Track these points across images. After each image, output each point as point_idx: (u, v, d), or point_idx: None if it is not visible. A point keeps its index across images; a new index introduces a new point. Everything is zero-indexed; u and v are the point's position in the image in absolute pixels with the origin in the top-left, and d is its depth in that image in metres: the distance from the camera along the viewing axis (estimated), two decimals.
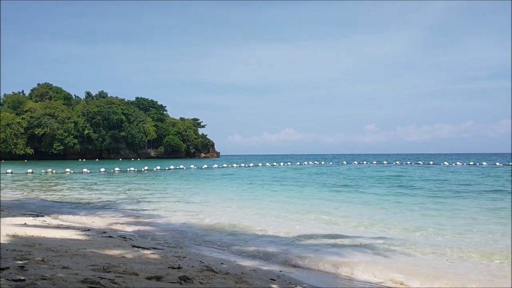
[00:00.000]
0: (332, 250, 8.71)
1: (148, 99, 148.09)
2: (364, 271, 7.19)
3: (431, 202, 17.28)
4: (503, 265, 7.52)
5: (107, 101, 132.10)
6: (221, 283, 5.46)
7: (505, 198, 18.54)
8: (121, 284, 4.78)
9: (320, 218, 13.04)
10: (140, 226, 11.93)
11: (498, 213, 13.78)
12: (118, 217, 13.84)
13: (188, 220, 13.01)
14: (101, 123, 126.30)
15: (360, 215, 13.56)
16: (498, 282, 6.60)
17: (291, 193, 22.03)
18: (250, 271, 6.71)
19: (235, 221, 12.56)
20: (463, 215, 13.43)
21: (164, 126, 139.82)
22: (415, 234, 10.35)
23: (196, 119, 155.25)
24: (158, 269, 5.93)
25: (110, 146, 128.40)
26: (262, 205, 16.73)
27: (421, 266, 7.52)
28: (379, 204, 16.82)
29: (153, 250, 7.85)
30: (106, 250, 7.38)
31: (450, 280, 6.61)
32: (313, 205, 16.58)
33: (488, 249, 8.64)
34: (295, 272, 7.12)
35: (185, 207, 16.20)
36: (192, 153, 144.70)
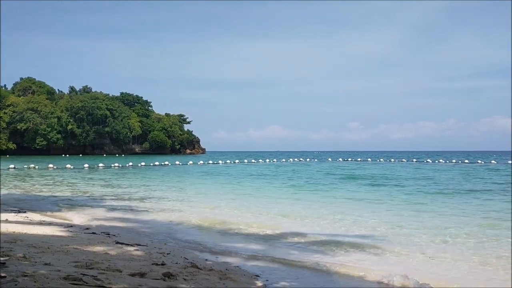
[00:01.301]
0: (316, 248, 8.76)
1: (133, 94, 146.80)
2: (349, 268, 7.25)
3: (416, 200, 17.51)
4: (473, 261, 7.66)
5: (91, 96, 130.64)
6: (205, 279, 5.46)
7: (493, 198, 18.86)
8: (104, 280, 4.75)
9: (306, 216, 13.11)
10: (124, 222, 11.86)
11: (481, 211, 14.02)
12: (102, 213, 13.74)
13: (172, 216, 12.96)
14: (85, 118, 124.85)
15: (346, 214, 13.67)
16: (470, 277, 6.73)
17: (277, 190, 22.09)
18: (234, 268, 6.73)
19: (220, 218, 12.56)
20: (447, 214, 13.63)
21: (149, 121, 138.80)
22: (398, 233, 10.47)
23: (182, 115, 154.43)
24: (141, 265, 5.91)
25: (94, 141, 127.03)
26: (248, 202, 16.74)
27: (405, 264, 7.63)
28: (367, 202, 16.97)
29: (137, 246, 7.81)
30: (89, 246, 7.33)
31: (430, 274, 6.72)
32: (300, 202, 16.66)
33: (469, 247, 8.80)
34: (280, 268, 7.15)
35: (170, 204, 16.14)
36: (178, 149, 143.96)
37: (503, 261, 7.59)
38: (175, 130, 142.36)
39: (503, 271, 7.05)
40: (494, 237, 9.64)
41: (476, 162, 64.91)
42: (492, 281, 6.59)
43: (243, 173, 38.58)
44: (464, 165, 56.93)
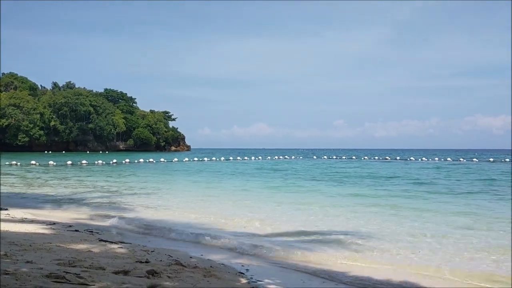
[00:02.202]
0: (301, 244, 8.82)
1: (117, 90, 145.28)
2: (333, 265, 7.32)
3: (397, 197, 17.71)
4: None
5: (75, 92, 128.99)
6: (190, 277, 5.45)
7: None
8: (87, 278, 4.72)
9: (291, 213, 13.17)
10: (108, 220, 11.78)
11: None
12: (85, 211, 13.62)
13: (157, 214, 12.92)
14: (68, 114, 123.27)
15: (329, 211, 13.77)
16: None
17: (263, 187, 22.12)
18: (219, 265, 6.73)
19: (204, 215, 12.55)
20: (430, 212, 13.81)
21: (134, 118, 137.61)
22: (383, 231, 10.59)
23: (167, 112, 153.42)
24: (125, 263, 5.88)
25: (77, 138, 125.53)
26: (233, 199, 16.75)
27: (387, 259, 7.72)
28: (352, 200, 17.10)
29: (120, 244, 7.77)
30: (72, 244, 7.26)
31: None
32: (284, 199, 16.72)
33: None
34: (264, 266, 7.18)
35: (155, 201, 16.07)
36: (163, 146, 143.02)
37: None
38: (160, 127, 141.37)
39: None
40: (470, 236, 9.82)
41: (459, 160, 65.86)
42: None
43: (228, 170, 38.56)
44: (447, 162, 57.72)
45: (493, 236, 9.55)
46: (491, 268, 7.13)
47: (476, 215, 12.52)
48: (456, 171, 37.82)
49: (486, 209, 13.90)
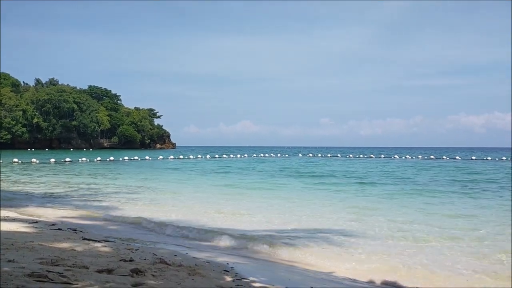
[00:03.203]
0: (287, 242, 8.85)
1: (101, 87, 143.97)
2: (319, 263, 7.36)
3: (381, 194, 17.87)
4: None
5: (58, 88, 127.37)
6: (174, 275, 5.42)
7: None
8: (70, 277, 4.66)
9: (277, 211, 13.21)
10: (91, 218, 11.67)
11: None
12: (68, 209, 13.47)
13: (141, 213, 12.83)
14: (52, 111, 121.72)
15: (317, 209, 13.84)
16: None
17: (246, 185, 22.14)
18: (204, 263, 6.71)
19: (189, 214, 12.52)
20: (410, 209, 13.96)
21: (118, 115, 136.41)
22: (365, 228, 10.68)
23: (152, 109, 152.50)
24: (109, 262, 5.83)
25: (60, 135, 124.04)
26: (217, 197, 16.72)
27: (372, 258, 7.80)
28: (337, 199, 17.20)
29: (104, 242, 7.70)
30: (55, 243, 7.17)
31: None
32: (270, 197, 16.75)
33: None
34: (249, 264, 7.19)
35: (139, 200, 15.97)
36: (147, 144, 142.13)
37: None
38: (144, 125, 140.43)
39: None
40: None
41: (442, 158, 66.70)
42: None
43: (213, 168, 38.49)
44: (430, 160, 58.42)
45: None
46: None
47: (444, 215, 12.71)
48: (438, 169, 38.29)
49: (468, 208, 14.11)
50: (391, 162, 52.54)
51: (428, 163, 51.11)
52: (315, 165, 45.95)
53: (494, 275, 6.68)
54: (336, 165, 45.73)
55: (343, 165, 45.73)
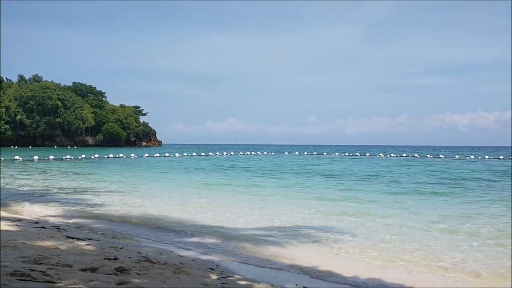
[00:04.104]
0: (272, 240, 8.88)
1: (86, 84, 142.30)
2: (304, 260, 7.40)
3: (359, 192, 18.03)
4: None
5: (42, 85, 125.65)
6: (159, 273, 5.42)
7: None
8: (53, 276, 4.63)
9: (262, 209, 13.23)
10: (76, 216, 11.58)
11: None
12: (52, 207, 13.33)
13: (127, 210, 12.75)
14: (35, 108, 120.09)
15: (301, 207, 13.90)
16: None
17: (234, 184, 22.14)
18: (189, 261, 6.72)
19: (176, 212, 12.48)
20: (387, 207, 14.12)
21: (103, 113, 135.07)
22: (350, 225, 10.77)
23: (137, 107, 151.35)
24: (93, 260, 5.80)
25: (44, 132, 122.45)
26: (204, 196, 16.68)
27: (356, 254, 7.87)
28: (321, 198, 17.29)
29: (88, 241, 7.65)
30: (38, 241, 7.10)
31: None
32: (258, 197, 16.77)
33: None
34: (234, 261, 7.21)
35: (124, 198, 15.86)
36: (133, 141, 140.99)
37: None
38: (130, 122, 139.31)
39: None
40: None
41: (426, 157, 67.50)
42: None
43: (200, 166, 38.40)
44: (414, 159, 59.09)
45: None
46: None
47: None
48: (422, 167, 38.75)
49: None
50: (375, 160, 53.00)
51: (411, 161, 51.68)
52: (302, 163, 46.14)
53: (474, 272, 6.79)
54: (321, 163, 45.97)
55: (329, 163, 45.99)
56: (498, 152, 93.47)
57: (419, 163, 47.46)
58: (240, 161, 50.62)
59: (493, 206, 13.86)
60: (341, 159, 58.65)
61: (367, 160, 53.94)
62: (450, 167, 38.48)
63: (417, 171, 32.54)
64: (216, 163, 45.32)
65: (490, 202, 14.87)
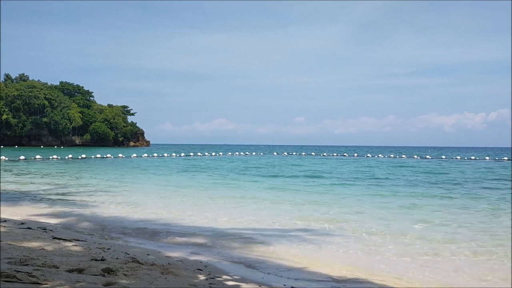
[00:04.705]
0: (260, 240, 8.90)
1: (73, 83, 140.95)
2: (292, 260, 7.42)
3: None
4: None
5: (28, 84, 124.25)
6: (147, 274, 5.40)
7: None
8: (39, 277, 4.59)
9: (250, 209, 13.24)
10: (63, 217, 11.47)
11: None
12: (39, 207, 13.20)
13: (115, 211, 12.69)
14: (21, 107, 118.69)
15: (288, 207, 13.94)
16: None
17: (222, 185, 22.12)
18: (177, 262, 6.70)
19: (163, 212, 12.44)
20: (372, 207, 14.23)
21: (91, 112, 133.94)
22: (337, 225, 10.83)
23: (125, 106, 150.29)
24: (80, 261, 5.76)
25: (31, 132, 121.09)
26: (192, 197, 16.65)
27: (342, 251, 7.92)
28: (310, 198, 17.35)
29: (75, 242, 7.59)
30: (24, 242, 7.03)
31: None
32: (247, 198, 16.78)
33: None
34: (222, 261, 7.20)
35: (112, 198, 15.77)
36: (121, 141, 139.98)
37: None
38: (118, 122, 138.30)
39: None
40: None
41: (412, 157, 68.07)
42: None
43: (187, 167, 38.29)
44: (401, 159, 59.56)
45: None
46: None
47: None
48: (411, 168, 39.06)
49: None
50: (363, 161, 53.32)
51: (399, 161, 52.10)
52: (290, 164, 46.23)
53: (454, 269, 6.89)
54: (309, 164, 46.11)
55: (317, 164, 46.14)
56: (485, 153, 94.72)
57: (406, 163, 47.86)
58: (229, 161, 50.58)
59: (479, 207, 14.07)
60: (329, 159, 58.90)
61: (355, 161, 54.24)
62: (438, 168, 38.87)
63: (407, 173, 32.83)
64: (205, 164, 45.23)
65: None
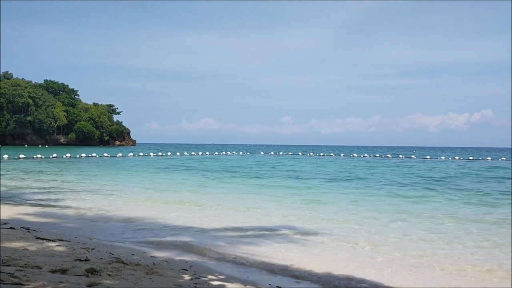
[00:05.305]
0: (246, 239, 8.91)
1: (58, 82, 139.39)
2: (277, 259, 7.44)
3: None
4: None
5: (12, 82, 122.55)
6: (131, 274, 5.37)
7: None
8: (21, 278, 4.54)
9: (235, 209, 13.25)
10: (47, 217, 11.35)
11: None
12: (23, 207, 13.04)
13: (100, 211, 12.59)
14: (5, 106, 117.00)
15: (272, 207, 13.97)
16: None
17: (205, 185, 22.09)
18: (162, 262, 6.67)
19: (149, 212, 12.38)
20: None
21: (76, 111, 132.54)
22: (322, 224, 10.89)
23: (111, 105, 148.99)
24: (63, 261, 5.71)
25: (14, 131, 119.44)
26: (177, 196, 16.59)
27: (326, 249, 7.97)
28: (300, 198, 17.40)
29: (59, 242, 7.51)
30: (7, 242, 6.94)
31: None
32: (234, 198, 16.77)
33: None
34: (208, 262, 7.19)
35: (96, 198, 15.64)
36: (106, 140, 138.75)
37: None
38: (103, 121, 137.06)
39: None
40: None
41: (398, 157, 68.69)
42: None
43: (174, 165, 38.14)
44: (387, 159, 60.11)
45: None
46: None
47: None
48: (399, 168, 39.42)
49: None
50: (350, 160, 53.67)
51: (384, 161, 52.56)
52: (278, 164, 46.31)
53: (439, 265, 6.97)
54: (299, 164, 46.26)
55: (306, 164, 46.31)
56: (468, 153, 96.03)
57: (392, 163, 48.29)
58: (217, 161, 50.50)
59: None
60: (317, 159, 59.15)
61: (342, 160, 54.57)
62: (421, 169, 39.28)
63: (394, 172, 33.14)
64: (192, 163, 45.10)
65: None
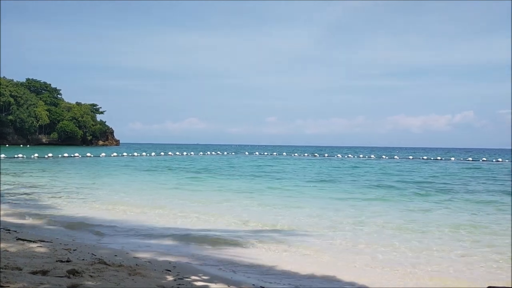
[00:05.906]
0: (231, 240, 8.90)
1: (40, 81, 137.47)
2: (262, 259, 7.46)
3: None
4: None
5: None
6: (113, 275, 5.33)
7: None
8: (1, 279, 4.47)
9: (220, 209, 13.23)
10: (28, 217, 11.19)
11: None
12: (2, 208, 12.82)
13: (82, 212, 12.46)
14: None
15: (261, 206, 14.00)
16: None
17: (191, 185, 22.02)
18: (145, 263, 6.63)
19: (132, 212, 12.30)
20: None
21: (58, 110, 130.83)
22: (307, 224, 10.94)
23: (94, 105, 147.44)
24: (44, 262, 5.64)
25: None
26: (163, 198, 16.49)
27: (311, 250, 8.01)
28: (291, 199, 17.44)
29: (40, 243, 7.41)
30: None
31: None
32: (220, 199, 16.75)
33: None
34: (192, 262, 7.17)
35: (78, 198, 15.48)
36: (89, 140, 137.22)
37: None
38: (86, 120, 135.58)
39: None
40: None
41: (381, 157, 69.34)
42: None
43: (160, 166, 37.93)
44: (369, 160, 60.64)
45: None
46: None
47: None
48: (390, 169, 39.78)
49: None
50: (333, 161, 54.01)
51: (367, 162, 53.04)
52: (262, 164, 46.37)
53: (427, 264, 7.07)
54: (283, 164, 46.38)
55: (290, 164, 46.45)
56: (449, 154, 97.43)
57: (375, 164, 48.75)
58: (202, 161, 50.35)
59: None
60: (301, 159, 59.38)
61: (327, 161, 54.88)
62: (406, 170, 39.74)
63: (376, 173, 33.44)
64: (177, 164, 44.90)
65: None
